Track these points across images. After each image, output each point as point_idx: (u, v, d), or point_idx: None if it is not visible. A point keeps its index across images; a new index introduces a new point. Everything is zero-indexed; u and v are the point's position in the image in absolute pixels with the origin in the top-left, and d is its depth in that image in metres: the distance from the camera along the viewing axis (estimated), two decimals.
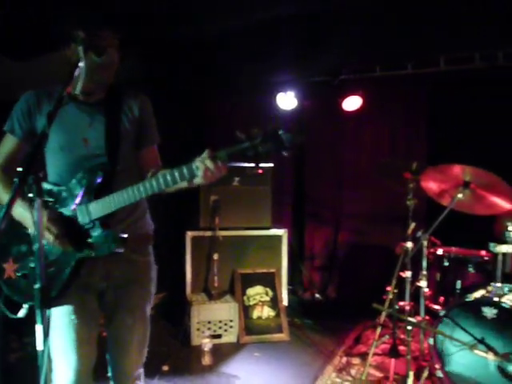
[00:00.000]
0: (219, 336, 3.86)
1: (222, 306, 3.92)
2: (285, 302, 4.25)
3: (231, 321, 3.90)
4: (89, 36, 1.61)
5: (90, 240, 1.73)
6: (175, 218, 4.54)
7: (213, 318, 3.87)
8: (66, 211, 1.76)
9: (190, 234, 4.16)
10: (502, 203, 3.01)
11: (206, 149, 1.61)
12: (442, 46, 4.50)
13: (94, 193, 1.75)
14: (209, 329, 3.82)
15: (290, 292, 4.78)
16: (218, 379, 3.20)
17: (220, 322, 3.89)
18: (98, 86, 1.82)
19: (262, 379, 3.22)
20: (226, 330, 3.89)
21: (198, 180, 1.64)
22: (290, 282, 4.69)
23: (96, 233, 1.73)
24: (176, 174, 1.64)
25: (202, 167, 1.58)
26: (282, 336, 3.96)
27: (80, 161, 1.81)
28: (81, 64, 1.55)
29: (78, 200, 1.74)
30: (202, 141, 5.01)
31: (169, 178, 1.65)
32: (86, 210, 1.73)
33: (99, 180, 1.75)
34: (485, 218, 3.41)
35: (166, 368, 3.34)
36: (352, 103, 4.71)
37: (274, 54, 4.50)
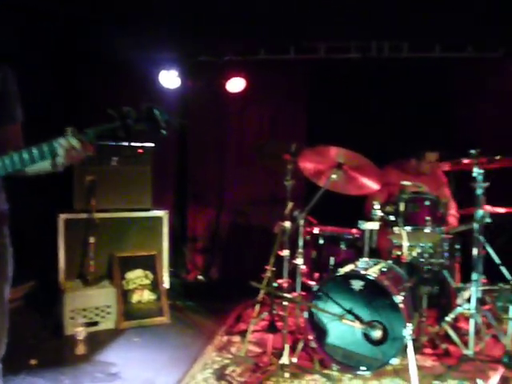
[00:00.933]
0: (96, 323, 3.66)
1: (99, 292, 3.72)
2: (166, 285, 4.16)
3: (109, 307, 3.72)
4: None
5: None
6: (47, 199, 4.17)
7: (88, 305, 3.65)
8: None
9: (62, 217, 3.85)
10: (370, 184, 3.25)
11: (71, 127, 1.48)
12: (322, 34, 4.72)
13: None
14: (84, 316, 3.59)
15: (172, 274, 4.69)
16: (93, 368, 3.02)
17: (97, 308, 3.68)
18: None
19: (140, 364, 3.11)
20: (103, 317, 3.70)
21: (60, 160, 1.48)
22: (172, 265, 4.61)
23: None
24: (34, 151, 1.47)
25: (65, 145, 1.44)
26: (163, 319, 3.88)
27: None
28: None
29: None
30: (74, 118, 4.65)
31: (26, 156, 1.47)
32: None
33: None
34: (358, 198, 3.68)
35: (33, 362, 3.06)
36: (236, 85, 4.71)
37: (154, 29, 4.32)
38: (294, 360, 2.98)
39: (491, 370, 2.88)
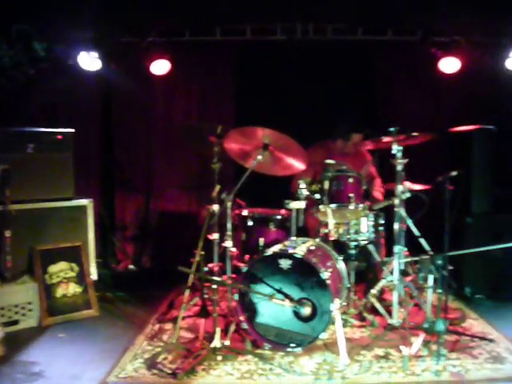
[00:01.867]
0: (16, 322, 3.43)
1: (18, 289, 3.49)
2: (94, 277, 3.99)
3: (30, 303, 3.50)
4: None
5: None
6: None
7: (7, 303, 3.41)
8: None
9: None
10: (296, 164, 3.28)
11: None
12: (248, 16, 4.67)
13: None
14: (2, 316, 3.35)
15: (101, 265, 4.52)
16: (12, 369, 2.83)
17: (16, 306, 3.45)
18: None
19: (66, 360, 2.95)
20: (23, 315, 3.48)
21: None
22: (100, 255, 4.44)
23: None
24: None
25: None
26: (91, 312, 3.72)
27: None
28: None
29: None
30: None
31: None
32: None
33: None
34: (287, 179, 3.70)
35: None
36: (160, 67, 4.56)
37: (72, 7, 4.08)
38: (227, 343, 2.96)
39: (414, 336, 3.04)
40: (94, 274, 4.01)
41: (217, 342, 2.86)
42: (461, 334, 3.26)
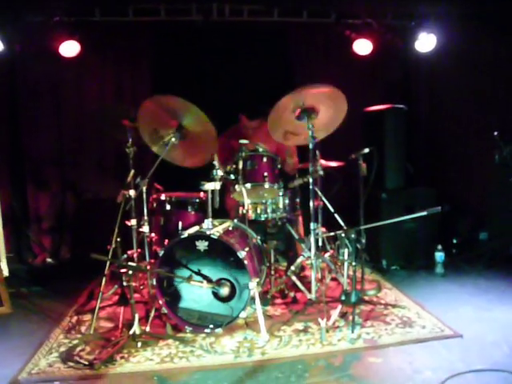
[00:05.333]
0: None
1: None
2: (5, 273, 3.76)
3: None
4: None
5: None
6: None
7: None
8: None
9: None
10: (210, 147, 3.24)
11: None
12: None
13: None
14: None
15: (15, 260, 4.27)
16: None
17: None
18: None
19: None
20: None
21: None
22: (14, 250, 4.19)
23: None
24: None
25: None
26: (3, 309, 3.50)
27: None
28: None
29: None
30: None
31: None
32: None
33: None
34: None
35: None
36: (70, 48, 4.32)
37: None
38: (147, 329, 2.92)
39: (332, 309, 3.16)
40: (4, 269, 3.78)
41: (136, 329, 2.80)
42: (376, 303, 3.43)
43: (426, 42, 4.86)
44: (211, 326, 2.91)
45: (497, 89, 4.66)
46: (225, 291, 2.87)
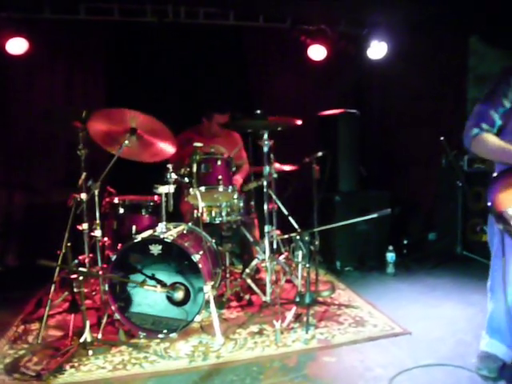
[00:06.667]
0: None
1: None
2: None
3: None
4: None
5: None
6: None
7: None
8: None
9: None
10: (166, 148, 3.21)
11: None
12: None
13: None
14: None
15: None
16: None
17: None
18: None
19: None
20: None
21: None
22: None
23: None
24: None
25: None
26: None
27: None
28: None
29: None
30: None
31: None
32: None
33: None
34: (160, 164, 3.60)
35: None
36: (17, 46, 4.16)
37: None
38: (99, 336, 2.84)
39: (287, 310, 3.19)
40: None
41: (87, 336, 2.72)
42: (330, 304, 3.49)
43: (377, 50, 5.02)
44: (166, 330, 2.87)
45: (445, 95, 4.87)
46: (179, 295, 2.83)
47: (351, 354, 2.72)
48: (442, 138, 4.32)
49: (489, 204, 1.98)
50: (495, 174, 2.07)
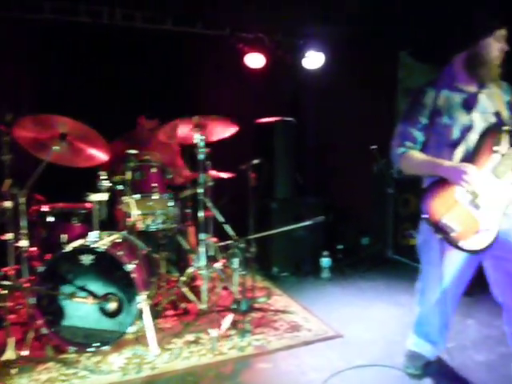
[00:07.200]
0: None
1: None
2: None
3: None
4: None
5: None
6: None
7: None
8: None
9: None
10: (99, 155, 3.11)
11: None
12: None
13: None
14: None
15: None
16: None
17: None
18: None
19: None
20: None
21: None
22: None
23: None
24: None
25: None
26: None
27: None
28: None
29: None
30: None
31: None
32: None
33: None
34: (92, 171, 3.48)
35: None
36: None
37: None
38: (25, 353, 2.69)
39: (223, 318, 3.18)
40: None
41: (10, 354, 2.57)
42: (266, 310, 3.52)
43: (313, 60, 5.17)
44: (98, 343, 2.76)
45: (378, 105, 5.09)
46: (112, 306, 2.74)
47: (287, 359, 2.76)
48: (373, 147, 4.51)
49: (425, 216, 2.06)
50: (425, 186, 2.18)
